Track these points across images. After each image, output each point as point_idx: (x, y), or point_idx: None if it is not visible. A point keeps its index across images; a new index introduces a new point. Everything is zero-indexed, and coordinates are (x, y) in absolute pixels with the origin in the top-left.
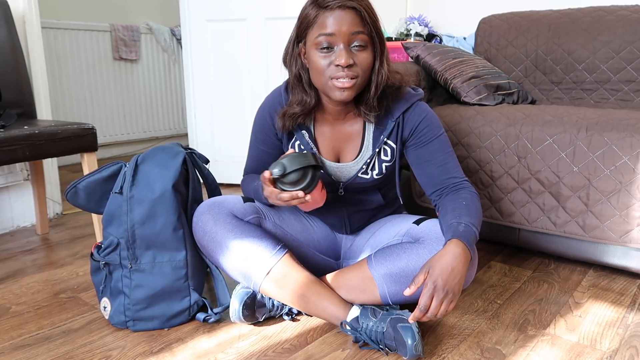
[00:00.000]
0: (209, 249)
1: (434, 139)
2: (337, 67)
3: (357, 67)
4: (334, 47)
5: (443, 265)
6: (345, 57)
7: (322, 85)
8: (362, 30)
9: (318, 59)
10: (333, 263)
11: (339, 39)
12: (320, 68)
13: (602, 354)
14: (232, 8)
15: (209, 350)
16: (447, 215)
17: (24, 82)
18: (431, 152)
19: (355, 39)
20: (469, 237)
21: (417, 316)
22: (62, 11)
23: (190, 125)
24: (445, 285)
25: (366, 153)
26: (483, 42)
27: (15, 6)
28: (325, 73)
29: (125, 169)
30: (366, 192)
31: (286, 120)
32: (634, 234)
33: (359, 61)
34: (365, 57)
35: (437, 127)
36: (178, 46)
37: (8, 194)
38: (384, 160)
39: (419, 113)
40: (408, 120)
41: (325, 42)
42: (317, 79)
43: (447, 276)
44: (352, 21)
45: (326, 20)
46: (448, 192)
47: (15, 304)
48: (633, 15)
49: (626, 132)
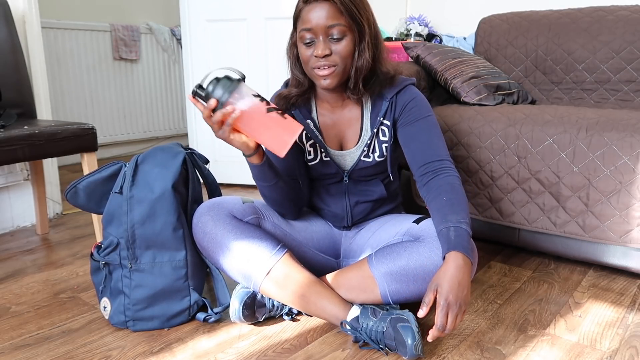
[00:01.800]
0: (209, 250)
1: (421, 119)
2: (316, 58)
3: (335, 56)
4: (314, 40)
5: (449, 280)
6: (322, 48)
7: (309, 75)
8: (338, 22)
9: (303, 51)
10: (333, 262)
11: (318, 32)
12: (305, 59)
13: (602, 354)
14: (232, 8)
15: (209, 350)
16: (434, 218)
17: (24, 82)
18: (417, 130)
19: (332, 31)
20: (463, 241)
21: (435, 335)
22: (62, 11)
23: (190, 125)
24: (457, 300)
25: (366, 137)
26: (483, 42)
27: (15, 6)
28: (308, 64)
29: (125, 169)
30: (369, 182)
31: (281, 100)
32: (634, 234)
33: (337, 50)
34: (344, 45)
35: (426, 108)
36: (178, 46)
37: (8, 194)
38: (383, 140)
39: (409, 94)
40: (399, 99)
41: (307, 36)
42: (305, 68)
43: (456, 291)
44: (328, 14)
45: (307, 15)
46: (429, 176)
47: (15, 304)
48: (633, 15)
49: (626, 132)
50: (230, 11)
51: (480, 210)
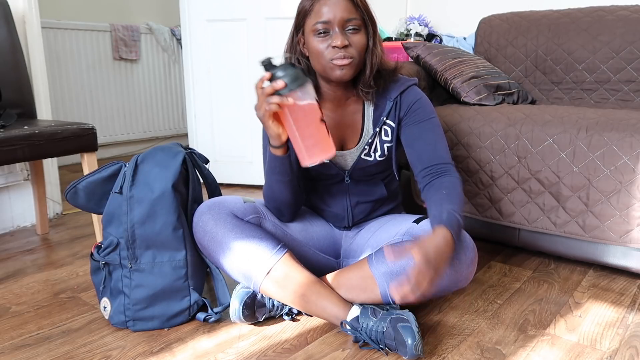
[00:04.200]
0: (209, 249)
1: (425, 120)
2: (334, 49)
3: (352, 48)
4: (330, 32)
5: (436, 247)
6: (341, 39)
7: (323, 67)
8: (354, 16)
9: (316, 44)
10: (333, 262)
11: (334, 24)
12: (319, 51)
13: (602, 354)
14: (232, 8)
15: (209, 350)
16: (431, 206)
17: (24, 82)
18: (422, 130)
19: (349, 24)
20: (452, 222)
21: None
22: (62, 11)
23: (190, 125)
24: (437, 267)
25: (367, 136)
26: (483, 42)
27: (15, 6)
28: (324, 56)
29: (125, 169)
30: (370, 181)
31: None
32: (634, 234)
33: (353, 43)
34: (359, 38)
35: (430, 110)
36: (178, 46)
37: (8, 194)
38: (385, 140)
39: (414, 94)
40: (404, 100)
41: (322, 28)
42: (317, 62)
43: (438, 259)
44: (345, 8)
45: (321, 9)
46: (432, 177)
47: (15, 304)
48: (633, 15)
49: (626, 132)
50: (230, 11)
51: (480, 210)
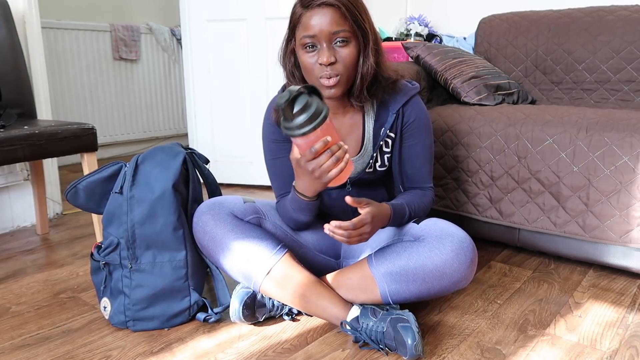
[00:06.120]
0: (210, 249)
1: (419, 142)
2: (321, 66)
3: (339, 64)
4: (317, 46)
5: (380, 215)
6: (327, 56)
7: (312, 83)
8: (342, 28)
9: (305, 58)
10: (333, 262)
11: (321, 39)
12: (308, 67)
13: (602, 354)
14: (232, 8)
15: (209, 350)
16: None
17: (24, 82)
18: (413, 153)
19: (337, 37)
20: (399, 210)
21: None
22: (62, 11)
23: (190, 125)
24: (372, 228)
25: (368, 147)
26: (483, 42)
27: (15, 6)
28: (313, 72)
29: (125, 169)
30: (372, 187)
31: None
32: (634, 234)
33: (341, 57)
34: (348, 52)
35: (427, 130)
36: (178, 46)
37: (8, 194)
38: (386, 152)
39: (416, 110)
40: (407, 112)
41: (309, 42)
42: (307, 77)
43: (377, 222)
44: (332, 20)
45: (309, 21)
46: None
47: (15, 304)
48: (633, 15)
49: (626, 132)
50: (230, 11)
51: (480, 210)
